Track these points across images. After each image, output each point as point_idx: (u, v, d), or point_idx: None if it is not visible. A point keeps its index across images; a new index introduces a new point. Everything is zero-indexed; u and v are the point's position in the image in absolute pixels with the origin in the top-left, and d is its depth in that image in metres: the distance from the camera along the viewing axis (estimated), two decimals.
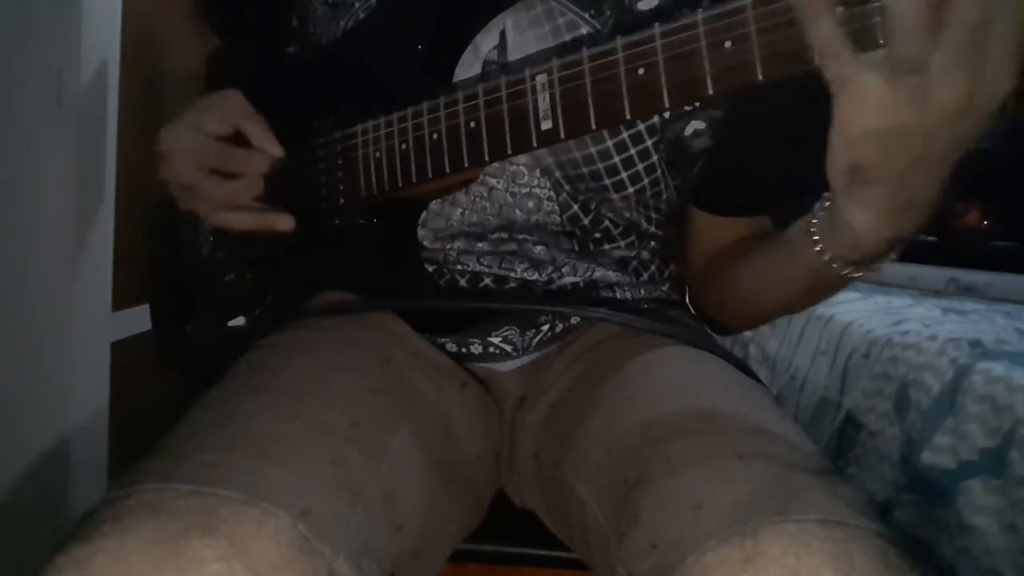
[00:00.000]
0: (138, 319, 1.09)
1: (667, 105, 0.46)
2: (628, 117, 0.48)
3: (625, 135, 0.64)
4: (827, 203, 0.52)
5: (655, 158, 0.66)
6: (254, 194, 0.64)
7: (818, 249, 0.53)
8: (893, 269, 1.69)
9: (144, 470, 0.42)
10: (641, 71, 0.47)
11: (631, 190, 0.66)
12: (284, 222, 0.64)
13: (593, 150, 0.64)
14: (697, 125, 0.65)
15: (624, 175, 0.65)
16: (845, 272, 0.53)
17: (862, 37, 0.40)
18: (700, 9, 0.44)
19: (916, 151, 0.42)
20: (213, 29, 0.79)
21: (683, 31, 0.45)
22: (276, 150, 0.63)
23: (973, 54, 0.38)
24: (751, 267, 0.65)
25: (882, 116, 0.41)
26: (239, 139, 0.63)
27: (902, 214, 0.47)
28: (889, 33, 0.39)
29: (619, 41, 0.48)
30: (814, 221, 0.53)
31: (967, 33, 0.37)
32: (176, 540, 0.37)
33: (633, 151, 0.65)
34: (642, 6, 0.63)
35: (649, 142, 0.65)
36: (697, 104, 0.64)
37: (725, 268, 0.70)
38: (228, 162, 0.63)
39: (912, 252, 1.75)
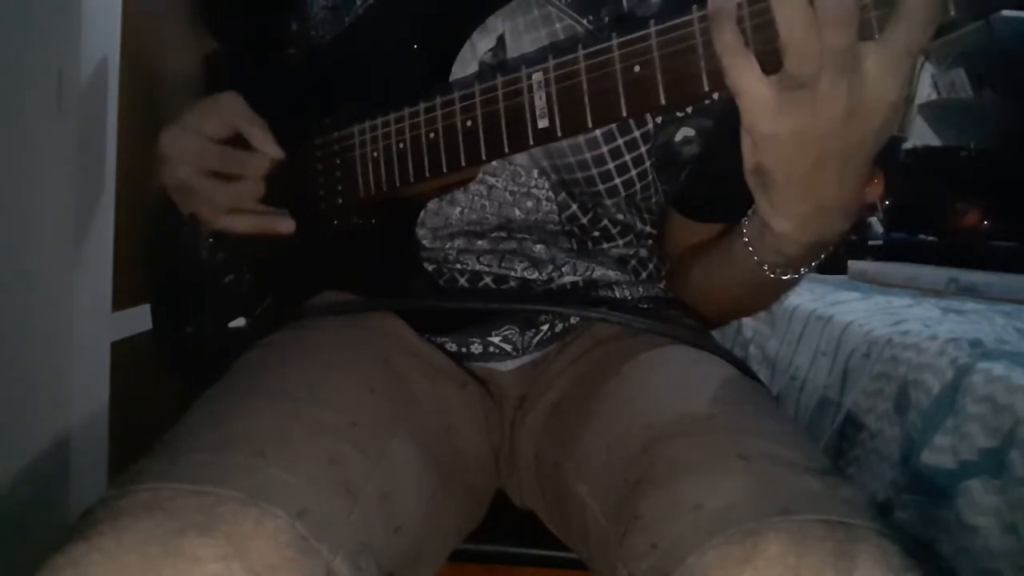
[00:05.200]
0: (138, 319, 1.09)
1: (663, 103, 0.46)
2: (624, 115, 0.48)
3: (620, 141, 0.64)
4: (754, 210, 0.54)
5: (648, 163, 0.66)
6: (256, 196, 0.63)
7: (750, 251, 0.56)
8: (893, 269, 1.69)
9: (141, 469, 0.42)
10: (637, 69, 0.47)
11: (623, 194, 0.67)
12: (285, 225, 0.64)
13: (588, 155, 0.64)
14: (687, 132, 0.65)
15: (618, 180, 0.66)
16: (775, 275, 0.56)
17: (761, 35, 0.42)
18: (695, 6, 0.44)
19: (814, 153, 0.45)
20: (210, 32, 0.79)
21: (679, 28, 0.45)
22: (276, 151, 0.63)
23: (850, 70, 0.42)
24: (702, 268, 0.68)
25: (775, 121, 0.44)
26: (239, 141, 0.63)
27: (817, 219, 0.50)
28: (784, 53, 0.42)
29: (615, 39, 0.48)
30: (745, 226, 0.56)
31: (842, 56, 0.41)
32: (174, 539, 0.37)
33: (628, 157, 0.65)
34: (641, 11, 0.62)
35: (643, 148, 0.65)
36: (689, 109, 0.64)
37: (685, 267, 0.72)
38: (229, 164, 0.63)
39: (912, 252, 1.75)
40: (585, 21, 0.63)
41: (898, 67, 0.42)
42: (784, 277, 0.57)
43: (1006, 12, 0.42)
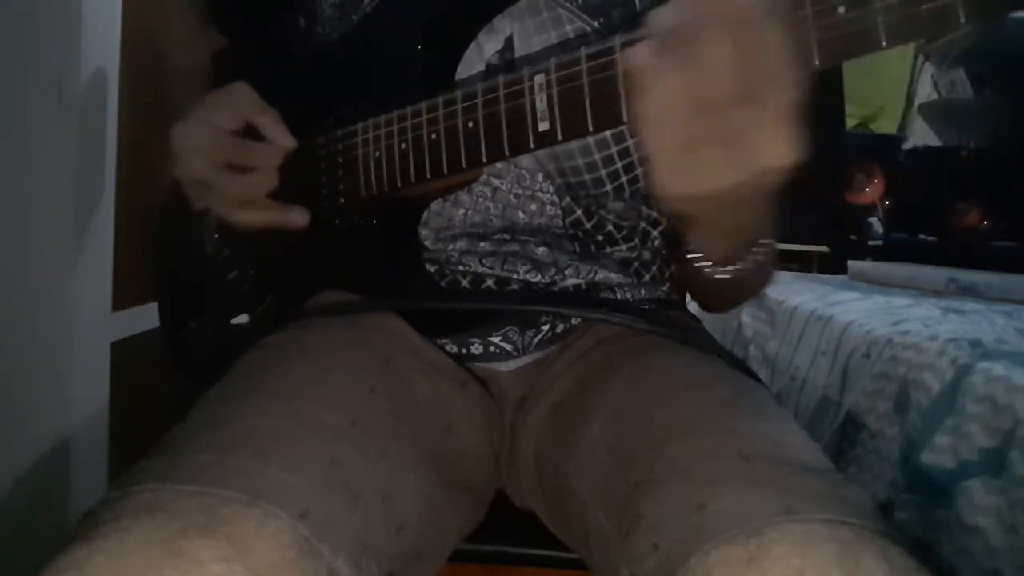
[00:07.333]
0: (138, 319, 1.09)
1: None
2: (625, 119, 0.48)
3: (630, 142, 0.64)
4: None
5: None
6: (270, 187, 0.63)
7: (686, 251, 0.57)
8: (893, 269, 1.69)
9: (143, 470, 0.42)
10: None
11: (630, 195, 0.67)
12: (299, 217, 0.64)
13: (598, 156, 0.64)
14: None
15: (624, 179, 0.65)
16: (715, 275, 0.56)
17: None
18: None
19: (710, 212, 0.45)
20: (217, 28, 0.79)
21: None
22: (288, 141, 0.63)
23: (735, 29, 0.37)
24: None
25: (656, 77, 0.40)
26: (250, 133, 0.63)
27: (732, 235, 0.51)
28: None
29: (617, 40, 0.47)
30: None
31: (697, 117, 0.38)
32: (175, 540, 0.37)
33: (635, 157, 0.65)
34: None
35: None
36: None
37: None
38: (242, 156, 0.62)
39: (912, 252, 1.75)
40: (596, 23, 0.63)
41: (762, 130, 0.38)
42: (719, 275, 0.55)
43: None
